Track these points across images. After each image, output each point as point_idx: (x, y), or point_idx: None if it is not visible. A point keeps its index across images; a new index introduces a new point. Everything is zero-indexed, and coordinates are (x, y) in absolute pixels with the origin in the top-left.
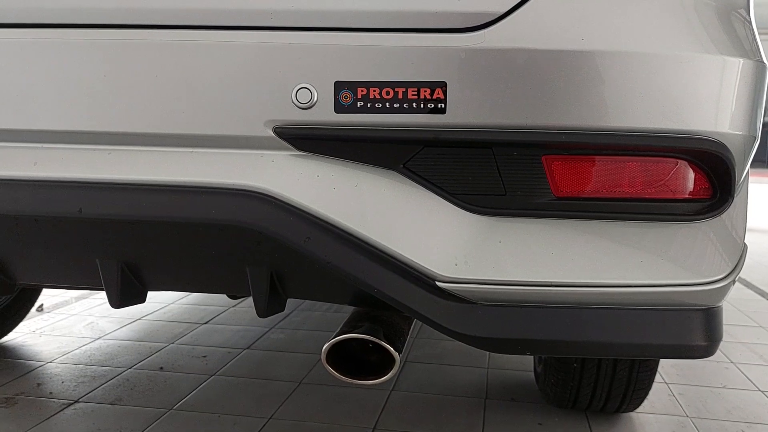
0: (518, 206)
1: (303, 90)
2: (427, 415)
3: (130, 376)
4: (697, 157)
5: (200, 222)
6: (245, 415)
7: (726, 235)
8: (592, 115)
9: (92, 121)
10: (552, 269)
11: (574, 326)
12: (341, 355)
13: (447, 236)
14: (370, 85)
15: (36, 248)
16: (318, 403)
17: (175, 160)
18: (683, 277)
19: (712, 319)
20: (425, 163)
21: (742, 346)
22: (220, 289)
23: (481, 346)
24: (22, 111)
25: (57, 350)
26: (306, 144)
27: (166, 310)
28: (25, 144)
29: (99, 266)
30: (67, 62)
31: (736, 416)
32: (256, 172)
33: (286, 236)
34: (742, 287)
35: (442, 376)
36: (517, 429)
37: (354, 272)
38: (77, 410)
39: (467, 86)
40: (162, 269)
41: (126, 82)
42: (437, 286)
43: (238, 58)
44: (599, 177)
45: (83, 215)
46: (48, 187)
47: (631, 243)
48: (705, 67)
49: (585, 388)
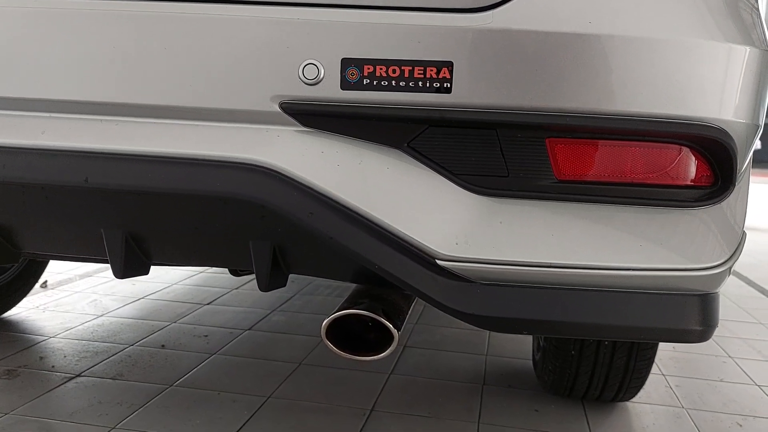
0: (520, 188)
1: (310, 66)
2: (424, 399)
3: (132, 353)
4: (700, 144)
5: (205, 194)
6: (245, 393)
7: (725, 222)
8: (596, 99)
9: (100, 91)
10: (551, 251)
11: (572, 307)
12: (341, 332)
13: (448, 215)
14: (377, 63)
15: (42, 217)
16: (317, 384)
17: (182, 132)
18: (681, 262)
19: (709, 305)
20: (429, 143)
21: (740, 341)
22: (223, 262)
23: (479, 324)
24: (31, 80)
25: (60, 326)
26: (311, 120)
27: (169, 290)
28: (33, 113)
29: (104, 236)
30: (76, 33)
31: (731, 409)
32: (261, 146)
33: (289, 211)
34: (743, 284)
35: (441, 361)
36: (513, 415)
37: (355, 248)
38: (78, 384)
39: (473, 66)
40: (166, 241)
41: (135, 54)
42: (437, 265)
43: (246, 32)
44: (601, 161)
45: (89, 184)
46: (55, 156)
47: (630, 227)
48: (711, 54)
49: (582, 376)
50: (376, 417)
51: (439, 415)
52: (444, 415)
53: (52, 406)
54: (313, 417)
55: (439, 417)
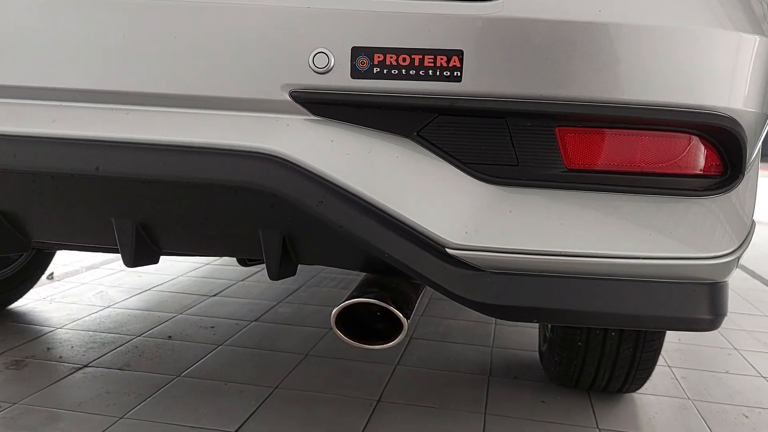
0: (530, 177)
1: (320, 55)
2: (431, 390)
3: (139, 344)
4: (709, 133)
5: (215, 183)
6: (252, 383)
7: (734, 212)
8: (606, 88)
9: (111, 80)
10: (561, 239)
11: (581, 296)
12: (351, 320)
13: (458, 204)
14: (387, 52)
15: (52, 206)
16: (324, 375)
17: (192, 121)
18: (690, 252)
19: (718, 294)
20: (439, 132)
21: (746, 334)
22: (233, 252)
23: (488, 312)
24: (42, 69)
25: (67, 317)
26: (321, 109)
27: (175, 282)
28: (44, 102)
29: (114, 226)
30: (87, 21)
31: (737, 401)
32: (271, 135)
33: (299, 199)
34: (749, 277)
35: (447, 353)
36: (520, 406)
37: (365, 237)
38: (86, 374)
39: (483, 55)
40: (176, 230)
41: (145, 43)
42: (447, 253)
43: (257, 20)
44: (611, 150)
45: (100, 173)
46: (66, 144)
47: (639, 216)
48: (720, 43)
49: (588, 367)
50: (383, 407)
51: (446, 405)
52: (450, 405)
53: (60, 396)
54: (321, 407)
55: (445, 408)
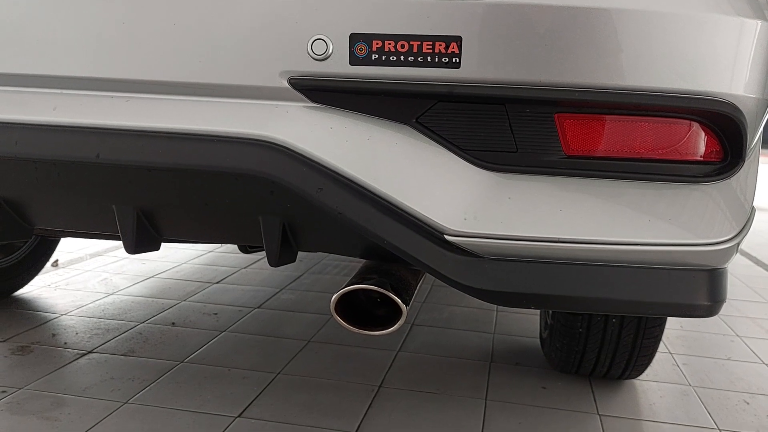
0: (529, 163)
1: (318, 41)
2: (432, 376)
3: (143, 330)
4: (710, 119)
5: (215, 170)
6: (255, 369)
7: (734, 198)
8: (606, 74)
9: (111, 68)
10: (560, 226)
11: (580, 282)
12: (350, 307)
13: (457, 191)
14: (386, 38)
15: (54, 193)
16: (326, 360)
17: (191, 108)
18: (689, 238)
19: (717, 280)
20: (438, 118)
21: (748, 321)
22: (233, 238)
23: (488, 299)
24: (42, 57)
25: (71, 304)
26: (320, 96)
27: (178, 269)
28: (44, 89)
29: (115, 212)
30: (86, 9)
31: (738, 387)
32: (270, 122)
33: (298, 186)
34: (752, 264)
35: (449, 339)
36: (521, 392)
37: (364, 223)
38: (91, 360)
39: (482, 41)
40: (177, 217)
41: (144, 30)
42: (446, 240)
43: (255, 7)
44: (610, 136)
45: (101, 160)
46: (67, 132)
47: (639, 203)
48: (722, 28)
49: (589, 354)
50: (385, 393)
51: (447, 391)
52: (452, 391)
53: (65, 381)
54: (323, 393)
55: (447, 393)
